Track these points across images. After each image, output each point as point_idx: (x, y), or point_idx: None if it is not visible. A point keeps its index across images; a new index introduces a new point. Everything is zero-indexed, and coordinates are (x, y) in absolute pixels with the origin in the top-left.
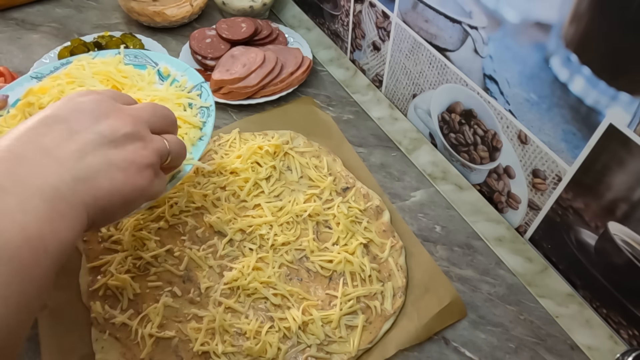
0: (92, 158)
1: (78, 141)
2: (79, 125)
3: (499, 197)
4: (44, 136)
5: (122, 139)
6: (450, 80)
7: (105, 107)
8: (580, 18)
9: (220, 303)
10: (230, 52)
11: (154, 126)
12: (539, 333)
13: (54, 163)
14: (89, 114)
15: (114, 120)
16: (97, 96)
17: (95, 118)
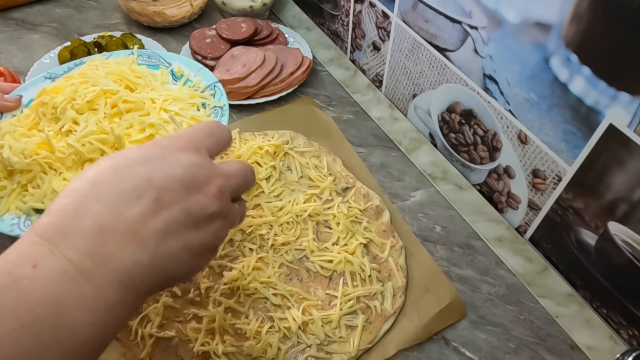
0: (172, 242)
1: (164, 218)
2: (169, 197)
3: (499, 197)
4: (132, 205)
5: (206, 219)
6: (450, 80)
7: (200, 176)
8: (580, 18)
9: (220, 303)
10: (230, 52)
11: (237, 193)
12: (539, 333)
13: (136, 244)
14: (183, 183)
15: (205, 197)
16: (195, 157)
17: (188, 189)
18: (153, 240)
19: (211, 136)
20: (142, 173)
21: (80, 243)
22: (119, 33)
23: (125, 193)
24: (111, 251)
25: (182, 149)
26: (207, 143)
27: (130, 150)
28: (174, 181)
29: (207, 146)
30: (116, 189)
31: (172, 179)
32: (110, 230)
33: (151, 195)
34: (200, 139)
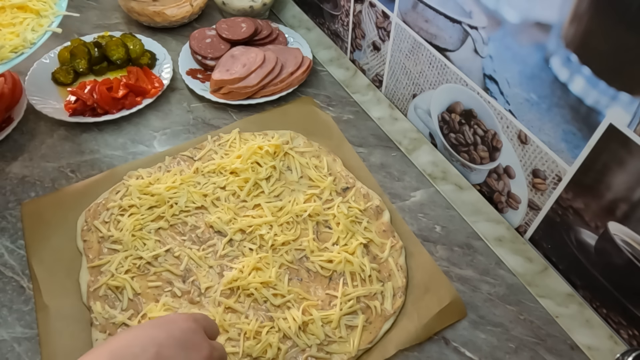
0: None
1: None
2: (168, 352)
3: (499, 197)
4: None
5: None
6: (450, 80)
7: (195, 339)
8: (580, 18)
9: (220, 303)
10: (230, 52)
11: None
12: (539, 333)
13: None
14: (181, 344)
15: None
16: (193, 325)
17: (184, 348)
18: None
19: (206, 320)
20: (148, 334)
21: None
22: (119, 33)
23: (133, 348)
24: None
25: (184, 320)
26: (203, 323)
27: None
28: (173, 340)
29: (203, 325)
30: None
31: (172, 338)
32: None
33: (153, 350)
34: (199, 317)
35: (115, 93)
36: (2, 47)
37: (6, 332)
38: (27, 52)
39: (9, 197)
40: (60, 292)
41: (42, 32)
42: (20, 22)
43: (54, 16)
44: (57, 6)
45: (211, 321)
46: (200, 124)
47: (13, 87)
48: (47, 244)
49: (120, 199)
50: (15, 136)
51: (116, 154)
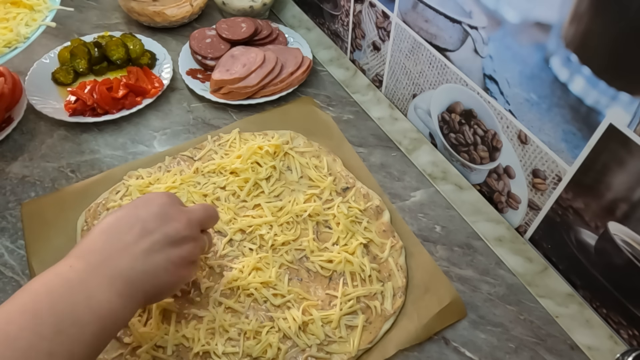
0: (156, 256)
1: (149, 240)
2: (151, 225)
3: (499, 197)
4: (126, 234)
5: (181, 240)
6: (450, 80)
7: (172, 211)
8: (580, 18)
9: (220, 303)
10: (230, 52)
11: (203, 225)
12: (539, 333)
13: (130, 257)
14: (160, 217)
15: (178, 223)
16: (167, 199)
17: (164, 220)
18: (142, 255)
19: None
20: (132, 213)
21: (92, 257)
22: (119, 33)
23: (122, 227)
24: (112, 260)
25: (159, 196)
26: (178, 200)
27: (126, 203)
28: (153, 215)
29: (177, 200)
30: (115, 226)
31: (152, 214)
32: (112, 249)
33: (138, 225)
34: (172, 195)
35: (115, 93)
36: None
37: None
38: (20, 46)
39: (9, 197)
40: None
41: (36, 26)
42: (14, 17)
43: (47, 10)
44: (50, 1)
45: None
46: (200, 124)
47: (13, 87)
48: (47, 244)
49: (120, 199)
50: (15, 136)
51: (116, 154)
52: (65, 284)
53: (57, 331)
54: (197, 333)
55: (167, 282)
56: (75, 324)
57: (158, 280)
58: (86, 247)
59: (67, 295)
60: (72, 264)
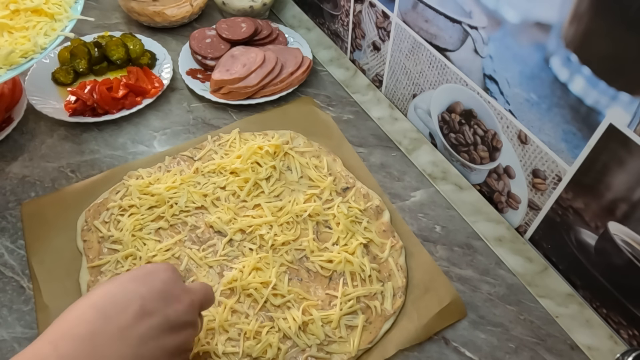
0: (151, 344)
1: (147, 324)
2: (152, 305)
3: (499, 197)
4: (121, 313)
5: (181, 326)
6: (450, 80)
7: (176, 290)
8: (580, 18)
9: (220, 303)
10: (230, 52)
11: (202, 308)
12: (539, 333)
13: (122, 344)
14: (163, 295)
15: (180, 306)
16: (171, 275)
17: (166, 301)
18: (136, 342)
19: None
20: (130, 288)
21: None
22: (119, 33)
23: (117, 303)
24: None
25: (163, 270)
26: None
27: (121, 275)
28: (155, 293)
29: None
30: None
31: (154, 291)
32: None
33: (137, 304)
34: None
35: (115, 93)
36: (13, 52)
37: (6, 332)
38: (37, 57)
39: (9, 197)
40: (60, 292)
41: (55, 36)
42: (34, 26)
43: (68, 20)
44: (72, 10)
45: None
46: (200, 124)
47: (13, 87)
48: (47, 244)
49: (120, 199)
50: (15, 136)
51: (116, 154)
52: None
53: None
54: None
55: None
56: None
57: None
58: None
59: None
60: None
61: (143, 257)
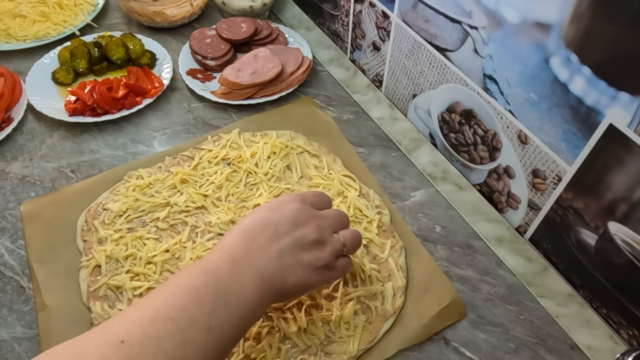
0: (287, 258)
1: (280, 243)
2: (282, 229)
3: (499, 197)
4: (261, 235)
5: (309, 245)
6: (450, 80)
7: (303, 216)
8: (580, 18)
9: None
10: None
11: (335, 229)
12: (539, 333)
13: (264, 257)
14: (291, 221)
15: (307, 229)
16: (300, 205)
17: (294, 225)
18: (274, 256)
19: (315, 197)
20: (266, 216)
21: (235, 252)
22: (119, 33)
23: (257, 228)
24: (250, 259)
25: (293, 201)
26: (311, 200)
27: (260, 206)
28: (285, 219)
29: (310, 201)
30: (252, 227)
31: (284, 218)
32: (250, 247)
33: (272, 229)
34: (306, 196)
35: (115, 93)
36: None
37: (6, 332)
38: None
39: (9, 197)
40: (60, 292)
41: None
42: None
43: None
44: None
45: (319, 195)
46: (200, 124)
47: (13, 87)
48: (47, 244)
49: (121, 200)
50: (15, 136)
51: (116, 154)
52: (216, 271)
53: (213, 308)
54: None
55: (295, 284)
56: (227, 306)
57: (287, 281)
58: (228, 244)
59: (219, 280)
60: (219, 256)
61: (143, 257)
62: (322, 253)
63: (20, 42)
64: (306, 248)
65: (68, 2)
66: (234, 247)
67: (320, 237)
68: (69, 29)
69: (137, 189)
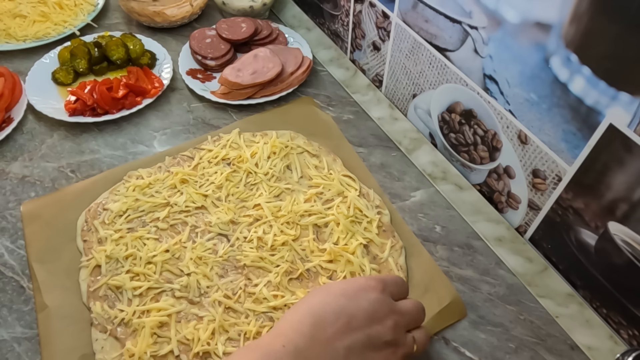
0: (354, 357)
1: (351, 339)
2: (356, 323)
3: (499, 197)
4: (331, 326)
5: (382, 345)
6: (450, 80)
7: (381, 312)
8: (580, 18)
9: (220, 303)
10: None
11: (410, 327)
12: (539, 333)
13: (330, 352)
14: (367, 315)
15: (383, 327)
16: (380, 296)
17: (370, 320)
18: (342, 352)
19: (395, 285)
20: (341, 303)
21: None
22: (119, 33)
23: (328, 315)
24: (316, 349)
25: (372, 289)
26: (391, 288)
27: (335, 285)
28: (361, 312)
29: (390, 290)
30: (323, 312)
31: (360, 310)
32: (317, 337)
33: (344, 319)
34: (387, 284)
35: (115, 93)
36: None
37: (6, 332)
38: None
39: (9, 197)
40: (60, 292)
41: None
42: None
43: None
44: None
45: (400, 284)
46: (200, 124)
47: (13, 87)
48: (47, 244)
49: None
50: (15, 136)
51: (116, 154)
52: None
53: None
54: (197, 333)
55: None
56: None
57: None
58: (294, 328)
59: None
60: (284, 344)
61: (143, 257)
62: (393, 356)
63: (20, 42)
64: (377, 349)
65: (68, 2)
66: (300, 333)
67: (395, 339)
68: (69, 29)
69: (137, 189)
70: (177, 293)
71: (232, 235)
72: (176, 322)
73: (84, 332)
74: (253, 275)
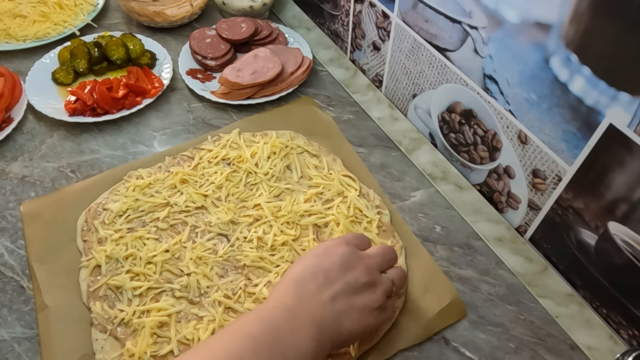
0: (339, 304)
1: (333, 289)
2: (333, 275)
3: (499, 197)
4: (312, 282)
5: (361, 288)
6: (450, 80)
7: (351, 260)
8: (580, 18)
9: (220, 303)
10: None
11: (382, 268)
12: (539, 333)
13: (319, 305)
14: (340, 266)
15: (357, 272)
16: (347, 248)
17: (344, 269)
18: (327, 303)
19: (356, 238)
20: (315, 263)
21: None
22: (119, 33)
23: (307, 276)
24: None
25: (338, 245)
26: (354, 242)
27: (305, 254)
28: (335, 265)
29: (354, 243)
30: (302, 275)
31: (334, 264)
32: (303, 296)
33: (322, 275)
34: (349, 238)
35: (115, 93)
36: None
37: (6, 332)
38: None
39: (9, 197)
40: (60, 292)
41: None
42: None
43: None
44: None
45: (360, 237)
46: (200, 124)
47: (13, 87)
48: (47, 244)
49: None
50: (15, 136)
51: (116, 154)
52: (273, 320)
53: (270, 358)
54: (197, 333)
55: (351, 329)
56: (284, 356)
57: (343, 328)
58: (280, 293)
59: (276, 329)
60: (275, 305)
61: (143, 257)
62: (374, 294)
63: (20, 42)
64: (358, 291)
65: (68, 2)
66: (287, 295)
67: (371, 279)
68: (69, 29)
69: (137, 189)
70: (177, 293)
71: (232, 235)
72: (176, 322)
73: (84, 332)
74: (253, 275)
